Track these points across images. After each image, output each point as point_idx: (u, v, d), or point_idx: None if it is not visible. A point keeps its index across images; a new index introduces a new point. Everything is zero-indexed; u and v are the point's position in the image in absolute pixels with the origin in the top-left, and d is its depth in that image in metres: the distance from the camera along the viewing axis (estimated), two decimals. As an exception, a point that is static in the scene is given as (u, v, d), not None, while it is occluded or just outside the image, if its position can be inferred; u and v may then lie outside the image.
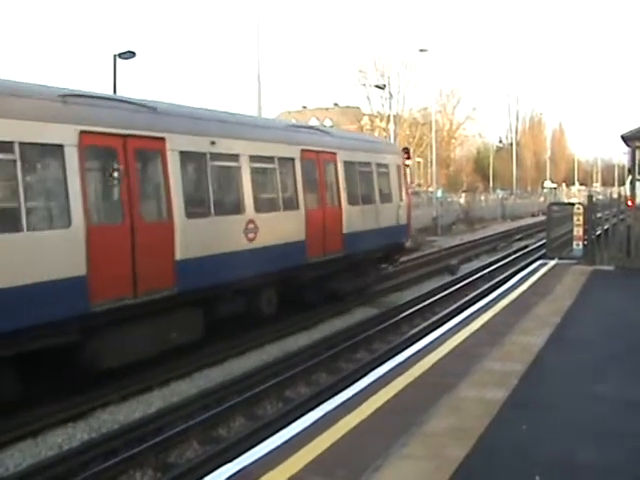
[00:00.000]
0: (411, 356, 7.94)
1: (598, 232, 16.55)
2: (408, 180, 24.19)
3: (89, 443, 8.44)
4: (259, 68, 27.05)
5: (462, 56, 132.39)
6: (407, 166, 24.11)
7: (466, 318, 10.13)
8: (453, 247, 30.40)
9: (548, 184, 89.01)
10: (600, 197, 36.67)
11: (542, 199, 69.70)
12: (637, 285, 14.25)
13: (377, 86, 50.80)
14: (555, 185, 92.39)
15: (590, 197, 18.20)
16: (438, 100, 62.57)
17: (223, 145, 12.35)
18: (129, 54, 21.86)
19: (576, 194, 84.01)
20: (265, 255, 13.06)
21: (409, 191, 22.56)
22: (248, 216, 12.84)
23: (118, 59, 21.70)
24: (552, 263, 16.30)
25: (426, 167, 63.85)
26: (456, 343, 8.52)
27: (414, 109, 61.25)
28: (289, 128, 16.20)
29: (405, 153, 22.13)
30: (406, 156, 22.19)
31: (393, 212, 19.04)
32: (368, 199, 17.76)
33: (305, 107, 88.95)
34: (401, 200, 19.70)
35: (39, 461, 7.95)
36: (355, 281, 17.38)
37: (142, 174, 11.05)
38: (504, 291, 12.61)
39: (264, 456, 5.08)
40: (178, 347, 11.34)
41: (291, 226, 14.30)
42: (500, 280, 18.84)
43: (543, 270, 15.26)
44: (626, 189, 23.63)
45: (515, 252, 28.54)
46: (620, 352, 8.24)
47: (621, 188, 57.77)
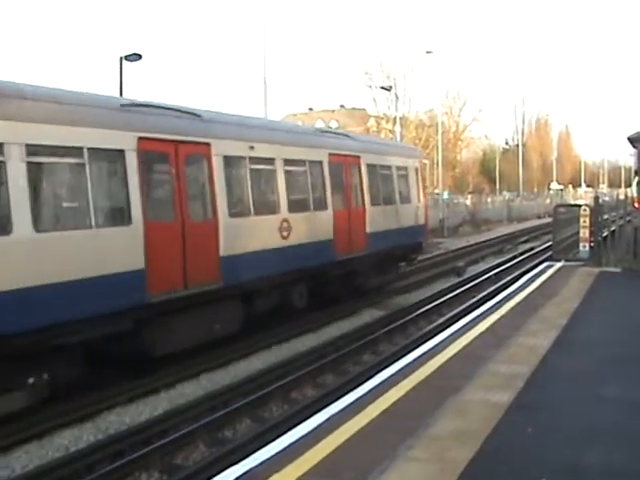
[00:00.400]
0: (417, 358, 7.94)
1: (605, 234, 16.52)
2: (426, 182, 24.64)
3: (95, 445, 8.45)
4: (265, 70, 27.31)
5: (468, 58, 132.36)
6: (425, 164, 24.51)
7: (472, 320, 10.13)
8: (459, 249, 30.35)
9: (554, 186, 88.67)
10: (606, 199, 36.56)
11: (548, 201, 69.52)
12: (644, 287, 14.20)
13: (383, 88, 50.68)
14: (561, 187, 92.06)
15: (596, 199, 18.13)
16: (444, 102, 62.66)
17: (261, 150, 13.22)
18: (135, 56, 21.98)
19: (582, 196, 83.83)
20: (297, 252, 13.90)
21: (426, 192, 23.11)
22: (282, 216, 13.69)
23: (124, 61, 21.82)
24: (558, 265, 16.28)
25: (432, 169, 63.76)
26: (462, 345, 8.52)
27: (420, 111, 61.11)
28: (318, 133, 17.20)
29: None
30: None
31: (412, 212, 19.83)
32: (389, 200, 18.55)
33: (311, 109, 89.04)
34: (419, 201, 20.55)
35: (45, 463, 7.97)
36: (377, 278, 18.11)
37: (190, 176, 11.81)
38: (510, 293, 12.60)
39: (270, 458, 5.09)
40: (220, 339, 12.07)
41: (320, 225, 15.11)
42: (506, 282, 18.81)
43: (549, 272, 15.24)
44: (633, 190, 23.54)
45: (521, 254, 28.47)
46: (627, 354, 8.21)
47: (628, 190, 57.61)
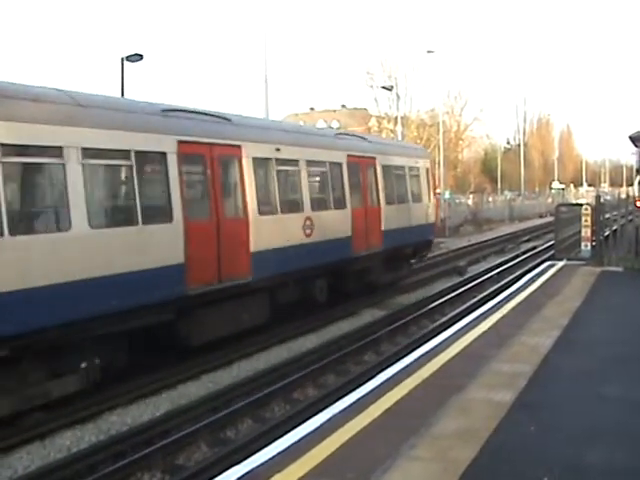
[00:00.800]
0: (419, 357, 7.94)
1: (606, 233, 16.49)
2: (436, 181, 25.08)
3: (97, 445, 8.45)
4: (267, 70, 27.17)
5: (469, 57, 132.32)
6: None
7: (474, 319, 10.12)
8: (461, 248, 30.34)
9: (556, 185, 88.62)
10: (608, 198, 36.49)
11: (550, 200, 69.39)
12: (646, 286, 14.18)
13: (384, 87, 50.56)
14: (563, 186, 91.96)
15: (598, 198, 18.10)
16: (446, 101, 62.38)
17: (286, 151, 13.96)
18: (136, 57, 21.97)
19: (584, 195, 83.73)
20: (319, 249, 14.59)
21: (436, 192, 23.56)
22: (306, 214, 14.42)
23: (126, 62, 21.81)
24: (560, 264, 16.26)
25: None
26: (465, 344, 8.52)
27: (421, 110, 60.96)
28: (337, 135, 17.70)
29: None
30: None
31: (423, 211, 20.56)
32: (402, 199, 19.22)
33: (313, 109, 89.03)
34: (429, 200, 21.22)
35: (47, 463, 7.97)
36: (390, 274, 18.77)
37: (224, 177, 12.50)
38: (512, 292, 12.60)
39: (272, 458, 5.08)
40: (247, 330, 12.72)
41: (340, 223, 15.79)
42: (508, 281, 18.79)
43: (551, 271, 15.22)
44: (634, 189, 23.55)
45: (523, 253, 28.42)
46: (628, 354, 8.21)
47: (629, 189, 57.63)
